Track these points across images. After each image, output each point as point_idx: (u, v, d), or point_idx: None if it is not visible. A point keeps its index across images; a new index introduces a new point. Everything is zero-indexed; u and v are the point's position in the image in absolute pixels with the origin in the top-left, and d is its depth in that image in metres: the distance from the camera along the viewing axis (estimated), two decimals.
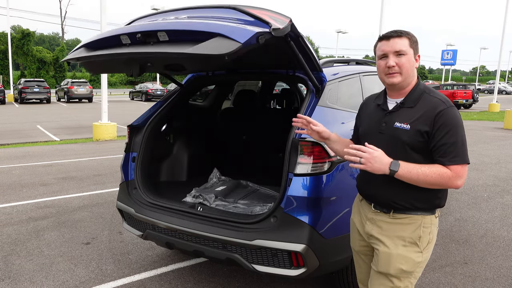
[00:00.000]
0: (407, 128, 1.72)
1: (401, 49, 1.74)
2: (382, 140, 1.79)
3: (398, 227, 1.80)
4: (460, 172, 1.66)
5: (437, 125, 1.67)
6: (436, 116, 1.68)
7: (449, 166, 1.65)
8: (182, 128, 3.78)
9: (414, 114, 1.73)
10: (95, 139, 10.86)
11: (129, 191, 3.04)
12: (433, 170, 1.66)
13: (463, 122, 1.71)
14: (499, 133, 12.89)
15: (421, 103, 1.75)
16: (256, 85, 5.63)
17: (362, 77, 3.33)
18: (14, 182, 6.17)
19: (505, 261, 3.54)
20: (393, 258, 1.79)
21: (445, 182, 1.66)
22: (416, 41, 1.80)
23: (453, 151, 1.65)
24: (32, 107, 23.56)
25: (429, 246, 1.81)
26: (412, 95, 1.79)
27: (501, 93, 51.90)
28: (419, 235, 1.77)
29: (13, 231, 4.18)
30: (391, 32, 1.78)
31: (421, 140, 1.70)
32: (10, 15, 30.40)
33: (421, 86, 1.81)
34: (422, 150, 1.72)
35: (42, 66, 46.15)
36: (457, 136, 1.66)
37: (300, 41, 2.24)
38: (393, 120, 1.78)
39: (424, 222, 1.77)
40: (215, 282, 3.14)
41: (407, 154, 1.72)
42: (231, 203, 2.97)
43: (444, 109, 1.69)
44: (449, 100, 1.74)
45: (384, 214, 1.83)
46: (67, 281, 3.15)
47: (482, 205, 5.15)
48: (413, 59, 1.78)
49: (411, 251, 1.77)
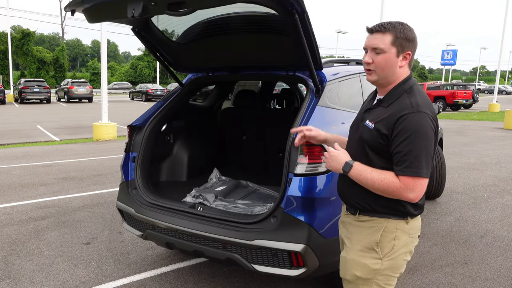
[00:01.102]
0: (371, 127, 1.65)
1: (378, 47, 1.63)
2: (356, 136, 1.76)
3: (358, 230, 1.72)
4: (410, 185, 1.52)
5: (397, 130, 1.55)
6: (397, 120, 1.56)
7: (400, 176, 1.53)
8: (182, 128, 3.77)
9: (383, 114, 1.64)
10: (95, 139, 10.85)
11: (129, 191, 3.04)
12: (381, 177, 1.56)
13: (430, 130, 1.54)
14: (499, 133, 12.89)
15: (395, 103, 1.63)
16: (256, 85, 5.64)
17: (362, 77, 3.33)
18: (14, 182, 6.17)
19: (505, 261, 3.54)
20: (348, 263, 1.72)
21: (392, 192, 1.55)
22: (406, 37, 1.62)
23: (406, 160, 1.51)
24: (32, 107, 23.56)
25: (394, 253, 1.65)
26: (390, 94, 1.67)
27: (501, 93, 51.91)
28: (377, 240, 1.66)
29: (13, 231, 4.18)
30: (377, 25, 1.65)
31: (382, 142, 1.60)
32: (10, 15, 30.40)
33: (406, 86, 1.66)
34: (382, 152, 1.62)
35: (42, 66, 46.17)
36: (414, 145, 1.51)
37: (305, 17, 2.19)
38: (367, 117, 1.72)
39: (387, 226, 1.65)
40: (215, 282, 3.14)
41: (367, 153, 1.66)
42: (231, 203, 2.97)
43: (407, 113, 1.54)
44: (420, 105, 1.57)
45: (352, 216, 1.77)
46: (67, 281, 3.15)
47: (482, 205, 5.15)
48: (395, 58, 1.63)
49: (367, 257, 1.67)
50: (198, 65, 3.42)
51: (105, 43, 11.08)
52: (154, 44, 3.12)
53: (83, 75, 57.59)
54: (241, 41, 2.89)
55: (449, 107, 23.95)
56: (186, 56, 3.27)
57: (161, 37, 3.03)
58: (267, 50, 2.84)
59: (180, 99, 3.40)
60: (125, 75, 56.65)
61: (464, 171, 7.10)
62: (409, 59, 1.67)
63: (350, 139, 1.84)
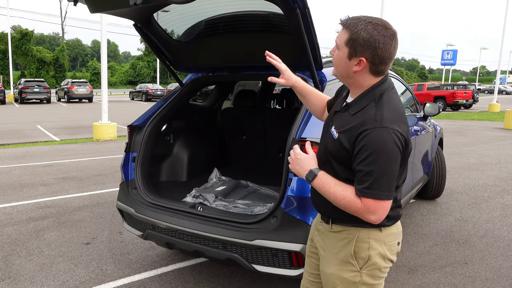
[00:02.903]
0: (335, 136, 1.51)
1: (336, 41, 1.50)
2: (324, 139, 1.64)
3: (333, 242, 1.62)
4: (371, 207, 1.40)
5: (357, 147, 1.41)
6: (358, 136, 1.41)
7: (360, 197, 1.42)
8: (182, 128, 3.78)
9: (347, 123, 1.49)
10: (95, 139, 10.86)
11: (129, 191, 3.04)
12: (344, 194, 1.44)
13: (394, 147, 1.39)
14: (499, 133, 12.89)
15: (360, 113, 1.47)
16: (256, 85, 5.64)
17: None
18: (14, 182, 6.17)
19: (505, 261, 3.54)
20: (328, 278, 1.64)
21: (354, 211, 1.44)
22: (360, 42, 1.42)
23: (366, 181, 1.39)
24: (32, 107, 23.56)
25: (371, 265, 1.55)
26: (358, 101, 1.51)
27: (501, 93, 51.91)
28: (351, 252, 1.56)
29: (13, 231, 4.18)
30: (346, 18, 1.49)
31: (344, 154, 1.47)
32: (10, 15, 30.41)
33: (376, 93, 1.49)
34: (346, 162, 1.49)
35: (42, 66, 46.19)
36: (375, 165, 1.37)
37: (307, 14, 2.17)
38: (333, 123, 1.57)
39: (359, 237, 1.55)
40: (215, 282, 3.14)
41: (331, 164, 1.54)
42: (231, 203, 2.97)
43: (368, 129, 1.39)
44: (385, 119, 1.41)
45: (326, 225, 1.66)
46: (67, 281, 3.15)
47: (482, 205, 5.15)
48: (346, 59, 1.47)
49: (346, 270, 1.57)
50: (198, 65, 3.41)
51: (105, 43, 11.09)
52: (155, 41, 3.12)
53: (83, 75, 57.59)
54: (242, 41, 2.89)
55: (449, 107, 23.95)
56: (187, 55, 3.27)
57: (162, 34, 3.03)
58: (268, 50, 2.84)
59: (180, 99, 3.40)
60: (125, 75, 56.69)
61: (464, 171, 7.10)
62: (368, 66, 1.46)
63: (321, 140, 1.69)
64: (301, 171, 1.57)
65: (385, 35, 1.42)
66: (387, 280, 3.16)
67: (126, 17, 2.79)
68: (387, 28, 1.43)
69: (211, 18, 2.80)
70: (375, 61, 1.45)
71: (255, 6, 2.57)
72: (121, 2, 2.27)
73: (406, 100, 4.59)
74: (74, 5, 2.48)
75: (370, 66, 1.46)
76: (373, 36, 1.41)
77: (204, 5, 2.60)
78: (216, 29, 2.85)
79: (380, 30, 1.42)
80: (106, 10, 2.45)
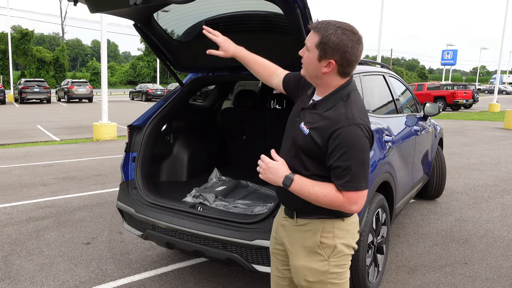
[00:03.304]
0: (305, 132, 1.60)
1: (306, 44, 1.58)
2: (291, 134, 1.70)
3: (299, 235, 1.71)
4: (353, 198, 1.52)
5: (333, 145, 1.52)
6: (332, 134, 1.52)
7: (342, 191, 1.52)
8: (182, 128, 3.78)
9: (318, 121, 1.58)
10: (95, 139, 10.86)
11: (129, 191, 3.04)
12: (324, 192, 1.53)
13: (366, 141, 1.53)
14: (499, 133, 12.89)
15: (330, 112, 1.57)
16: (256, 85, 5.63)
17: (362, 77, 3.33)
18: (14, 182, 6.17)
19: (505, 261, 3.54)
20: (299, 270, 1.71)
21: (336, 206, 1.54)
22: (330, 45, 1.51)
23: (346, 175, 1.50)
24: (32, 107, 23.57)
25: (338, 252, 1.66)
26: (326, 100, 1.62)
27: (501, 93, 51.91)
28: (317, 242, 1.65)
29: (13, 231, 4.18)
30: (317, 22, 1.58)
31: (315, 149, 1.57)
32: (10, 15, 30.41)
33: (344, 93, 1.60)
34: (316, 157, 1.59)
35: (42, 66, 46.19)
36: (352, 160, 1.50)
37: (307, 14, 2.17)
38: (302, 119, 1.65)
39: (324, 227, 1.65)
40: (215, 282, 3.14)
41: (301, 158, 1.62)
42: (231, 203, 2.97)
43: (341, 127, 1.51)
44: (356, 117, 1.53)
45: (290, 220, 1.74)
46: (67, 281, 3.15)
47: (482, 205, 5.15)
48: (316, 61, 1.56)
49: (314, 260, 1.66)
50: (198, 65, 3.41)
51: (105, 43, 11.09)
52: (155, 41, 3.11)
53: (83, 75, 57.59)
54: (242, 41, 2.89)
55: (449, 107, 23.95)
56: (187, 55, 3.27)
57: (162, 34, 3.03)
58: (268, 49, 2.84)
59: (180, 99, 3.40)
60: (125, 75, 56.70)
61: (464, 171, 7.10)
62: (337, 68, 1.56)
63: (286, 134, 1.78)
64: (276, 179, 1.60)
65: (352, 40, 1.53)
66: (387, 280, 3.16)
67: (126, 17, 2.79)
68: (355, 33, 1.54)
69: (211, 18, 2.80)
70: (343, 63, 1.55)
71: (255, 6, 2.57)
72: (121, 2, 2.27)
73: (406, 100, 4.59)
74: (74, 5, 2.48)
75: (338, 68, 1.56)
76: (343, 41, 1.51)
77: (204, 5, 2.60)
78: (216, 29, 2.85)
79: (348, 35, 1.52)
80: (106, 10, 2.44)
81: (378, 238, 2.98)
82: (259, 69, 2.01)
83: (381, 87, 3.85)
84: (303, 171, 1.62)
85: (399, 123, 3.80)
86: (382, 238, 3.05)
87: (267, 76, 2.01)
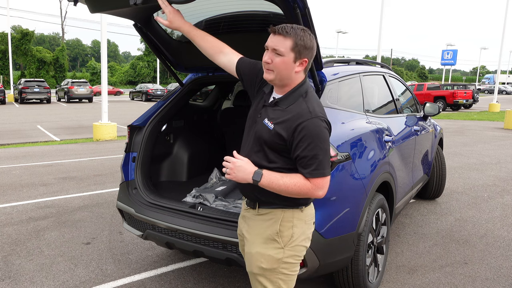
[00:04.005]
0: (270, 127, 1.71)
1: (279, 49, 1.66)
2: (253, 130, 1.80)
3: (259, 224, 1.80)
4: (320, 184, 1.66)
5: (298, 137, 1.64)
6: (297, 127, 1.65)
7: (309, 178, 1.65)
8: (182, 128, 3.78)
9: (282, 116, 1.70)
10: (95, 139, 10.86)
11: (129, 191, 3.04)
12: (293, 181, 1.65)
13: (326, 132, 1.68)
14: (499, 133, 12.89)
15: (292, 107, 1.70)
16: None
17: (362, 77, 3.33)
18: (14, 182, 6.17)
19: (505, 261, 3.54)
20: (253, 256, 1.79)
21: (305, 193, 1.66)
22: (304, 45, 1.67)
23: (313, 164, 1.63)
24: (32, 107, 23.57)
25: (294, 241, 1.76)
26: (287, 97, 1.74)
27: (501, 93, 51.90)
28: (276, 230, 1.76)
29: (13, 231, 4.18)
30: (281, 27, 1.67)
31: (279, 143, 1.69)
32: (10, 15, 30.41)
33: (303, 89, 1.74)
34: (280, 151, 1.71)
35: (42, 66, 46.19)
36: (317, 149, 1.63)
37: (307, 14, 2.17)
38: (265, 115, 1.76)
39: (284, 216, 1.76)
40: (215, 282, 3.14)
41: (265, 152, 1.73)
42: (231, 203, 2.97)
43: (305, 120, 1.64)
44: (316, 110, 1.68)
45: (252, 210, 1.85)
46: (67, 281, 3.15)
47: (482, 205, 5.15)
48: (292, 63, 1.68)
49: (270, 247, 1.76)
50: (198, 65, 3.42)
51: (105, 43, 11.09)
52: (155, 41, 3.11)
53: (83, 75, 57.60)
54: (242, 41, 2.89)
55: (449, 107, 23.96)
56: (187, 55, 3.27)
57: (162, 34, 3.03)
58: None
59: (180, 99, 3.40)
60: (125, 75, 56.70)
61: (464, 171, 7.10)
62: (305, 66, 1.73)
63: (247, 131, 1.86)
64: (245, 176, 1.68)
65: (313, 39, 1.74)
66: (387, 280, 3.16)
67: (126, 17, 2.79)
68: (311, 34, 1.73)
69: (211, 18, 2.80)
70: (310, 60, 1.74)
71: (255, 6, 2.56)
72: (121, 2, 2.26)
73: (406, 100, 4.59)
74: (74, 5, 2.47)
75: (306, 66, 1.74)
76: (312, 40, 1.71)
77: (204, 5, 2.60)
78: (216, 29, 2.85)
79: (310, 35, 1.72)
80: (106, 10, 2.44)
81: (378, 238, 2.99)
82: (205, 45, 2.07)
83: (381, 87, 3.85)
84: (268, 164, 1.72)
85: (399, 123, 3.80)
86: (382, 238, 3.05)
87: (214, 53, 2.07)
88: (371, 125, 2.99)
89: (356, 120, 2.87)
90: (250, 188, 1.77)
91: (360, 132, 2.77)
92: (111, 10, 2.42)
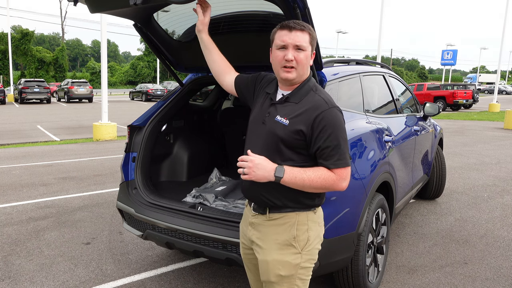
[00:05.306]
0: (285, 123, 1.65)
1: (301, 44, 1.64)
2: (263, 131, 1.72)
3: (273, 229, 1.72)
4: (343, 175, 1.62)
5: (318, 128, 1.60)
6: (316, 118, 1.61)
7: (333, 169, 1.61)
8: (182, 128, 3.78)
9: (296, 110, 1.66)
10: (95, 139, 10.86)
11: (129, 191, 3.04)
12: (318, 174, 1.60)
13: (344, 122, 1.67)
14: (499, 133, 12.89)
15: (305, 100, 1.68)
16: None
17: (362, 77, 3.33)
18: (14, 182, 6.17)
19: (505, 261, 3.54)
20: (270, 264, 1.70)
21: (330, 185, 1.61)
22: (315, 37, 1.73)
23: (336, 154, 1.60)
24: (32, 107, 23.57)
25: (310, 245, 1.71)
26: (299, 91, 1.71)
27: (501, 93, 51.90)
28: (294, 235, 1.69)
29: (13, 231, 4.18)
30: (295, 23, 1.66)
31: (297, 138, 1.63)
32: (10, 15, 30.41)
33: (311, 83, 1.74)
34: (297, 148, 1.65)
35: (42, 66, 46.17)
36: (339, 138, 1.61)
37: (307, 14, 2.19)
38: (276, 113, 1.70)
39: (298, 220, 1.70)
40: (215, 282, 3.14)
41: (280, 150, 1.66)
42: (231, 203, 2.97)
43: (323, 111, 1.62)
44: (331, 101, 1.67)
45: (261, 216, 1.75)
46: (67, 281, 3.15)
47: (482, 205, 5.15)
48: (310, 57, 1.70)
49: (287, 253, 1.69)
50: (198, 65, 3.41)
51: (105, 43, 11.09)
52: (155, 41, 3.11)
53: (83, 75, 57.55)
54: (242, 41, 2.89)
55: (449, 107, 23.95)
56: (187, 55, 3.27)
57: (162, 34, 3.03)
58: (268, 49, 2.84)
59: (180, 99, 3.40)
60: (125, 75, 56.70)
61: (464, 171, 7.10)
62: (313, 58, 1.77)
63: (252, 134, 1.77)
64: (266, 174, 1.59)
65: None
66: (387, 280, 3.16)
67: (126, 17, 2.79)
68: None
69: (211, 18, 2.79)
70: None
71: (255, 6, 2.56)
72: (121, 2, 2.26)
73: (406, 100, 4.59)
74: (74, 5, 2.48)
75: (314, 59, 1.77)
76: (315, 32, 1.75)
77: None
78: (216, 29, 2.85)
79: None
80: (106, 10, 2.44)
81: (378, 238, 2.99)
82: (218, 60, 2.05)
83: (381, 87, 3.85)
84: (282, 163, 1.65)
85: (399, 123, 3.80)
86: (382, 238, 3.05)
87: (222, 71, 2.05)
88: (371, 125, 2.99)
89: (356, 120, 2.88)
90: (257, 191, 1.70)
91: (360, 132, 2.77)
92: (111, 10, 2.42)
